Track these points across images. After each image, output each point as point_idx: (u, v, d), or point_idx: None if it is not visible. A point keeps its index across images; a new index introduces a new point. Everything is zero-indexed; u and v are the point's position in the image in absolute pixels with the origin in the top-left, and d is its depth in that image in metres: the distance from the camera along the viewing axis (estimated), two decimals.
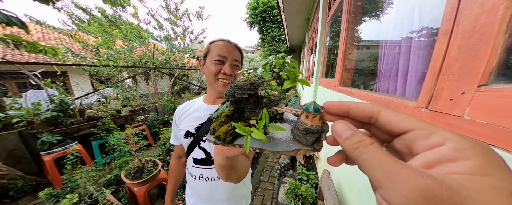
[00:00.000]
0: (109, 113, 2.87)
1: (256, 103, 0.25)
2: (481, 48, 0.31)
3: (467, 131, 0.32)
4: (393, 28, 0.77)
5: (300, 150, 0.19)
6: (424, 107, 0.43)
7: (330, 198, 0.86)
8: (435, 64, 0.40)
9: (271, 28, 8.41)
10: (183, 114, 0.64)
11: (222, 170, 0.36)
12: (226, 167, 0.34)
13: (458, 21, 0.36)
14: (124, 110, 3.25)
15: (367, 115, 0.15)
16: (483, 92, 0.31)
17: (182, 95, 5.71)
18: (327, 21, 1.98)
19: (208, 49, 0.58)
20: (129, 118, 3.12)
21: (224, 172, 0.36)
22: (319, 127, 0.18)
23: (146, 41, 4.84)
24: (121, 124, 2.94)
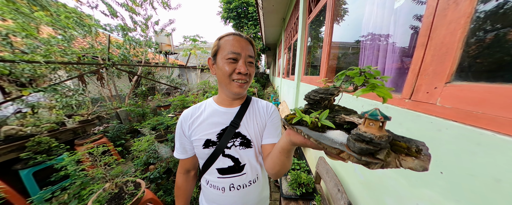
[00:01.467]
0: (46, 128, 2.13)
1: (326, 107, 0.30)
2: (446, 58, 0.47)
3: (439, 113, 0.48)
4: (372, 31, 0.97)
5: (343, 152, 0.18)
6: (408, 98, 0.59)
7: (330, 180, 1.02)
8: (415, 66, 0.56)
9: (247, 25, 8.36)
10: (195, 121, 0.55)
11: (282, 155, 0.40)
12: (286, 151, 0.38)
13: (431, 37, 0.51)
14: (70, 121, 2.50)
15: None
16: (448, 87, 0.46)
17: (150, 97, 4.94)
18: (307, 23, 2.18)
19: (218, 46, 0.50)
20: (80, 132, 2.46)
21: (282, 159, 0.41)
22: (375, 137, 0.17)
23: (93, 30, 3.81)
24: (67, 140, 2.29)
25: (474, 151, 0.40)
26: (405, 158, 0.19)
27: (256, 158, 0.57)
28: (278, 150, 0.40)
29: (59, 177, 1.46)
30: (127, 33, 4.45)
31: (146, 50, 5.01)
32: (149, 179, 1.73)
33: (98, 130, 2.48)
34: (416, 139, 0.24)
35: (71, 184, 1.39)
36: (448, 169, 0.46)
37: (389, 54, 0.82)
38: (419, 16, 0.60)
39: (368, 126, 0.18)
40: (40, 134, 2.00)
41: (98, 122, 2.82)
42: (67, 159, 1.31)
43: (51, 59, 2.85)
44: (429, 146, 0.27)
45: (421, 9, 0.56)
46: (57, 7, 3.58)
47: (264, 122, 0.58)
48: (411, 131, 0.58)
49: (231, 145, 0.54)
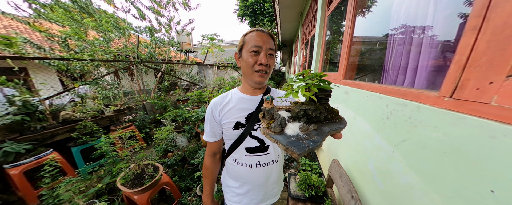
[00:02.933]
0: (90, 114, 2.56)
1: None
2: (510, 43, 0.36)
3: (494, 115, 0.38)
4: (404, 22, 0.82)
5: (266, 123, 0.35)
6: (448, 96, 0.48)
7: (343, 185, 0.94)
8: (461, 57, 0.45)
9: (263, 21, 8.24)
10: (225, 108, 0.63)
11: None
12: None
13: (488, 17, 0.40)
14: (107, 110, 2.93)
15: None
16: (510, 82, 0.35)
17: (171, 92, 5.37)
18: (326, 15, 2.01)
19: (243, 42, 0.57)
20: (114, 119, 2.85)
21: None
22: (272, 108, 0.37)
23: (126, 32, 4.31)
24: (105, 126, 2.67)
25: None
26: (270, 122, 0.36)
27: None
28: None
29: (97, 155, 1.73)
30: (154, 33, 4.90)
31: (169, 49, 5.44)
32: (167, 164, 1.88)
33: (128, 119, 2.83)
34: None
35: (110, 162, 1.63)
36: (504, 188, 0.36)
37: (425, 48, 0.69)
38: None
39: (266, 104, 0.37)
40: (85, 119, 2.38)
41: (128, 112, 3.21)
42: (102, 141, 1.52)
43: (94, 57, 3.38)
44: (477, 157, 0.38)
45: None
46: (100, 14, 4.16)
47: None
48: (450, 136, 0.47)
49: (258, 127, 0.61)
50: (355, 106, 1.09)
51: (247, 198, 0.67)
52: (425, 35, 0.71)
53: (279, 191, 0.75)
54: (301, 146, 0.25)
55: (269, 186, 0.67)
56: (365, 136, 0.93)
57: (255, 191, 0.66)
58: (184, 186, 1.75)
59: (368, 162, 0.87)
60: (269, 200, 0.71)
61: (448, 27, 0.61)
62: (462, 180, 0.43)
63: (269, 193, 0.69)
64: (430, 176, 0.53)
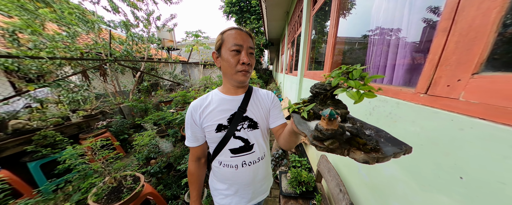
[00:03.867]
0: (52, 122, 2.19)
1: (322, 100, 0.36)
2: (475, 44, 0.39)
3: (462, 110, 0.41)
4: (382, 24, 0.88)
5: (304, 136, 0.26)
6: (423, 93, 0.52)
7: (331, 179, 0.98)
8: (434, 56, 0.49)
9: (249, 19, 8.15)
10: (205, 110, 0.61)
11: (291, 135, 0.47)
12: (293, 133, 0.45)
13: (456, 20, 0.43)
14: (75, 116, 2.57)
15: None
16: (476, 79, 0.39)
17: (153, 93, 4.97)
18: (311, 15, 2.06)
19: (222, 40, 0.55)
20: (84, 126, 2.53)
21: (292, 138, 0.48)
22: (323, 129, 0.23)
23: (96, 26, 3.82)
24: (73, 134, 2.35)
25: (506, 155, 0.34)
26: (355, 151, 0.23)
27: (263, 137, 0.65)
28: (287, 134, 0.48)
29: (63, 169, 1.49)
30: (130, 29, 4.44)
31: (149, 46, 5.01)
32: (149, 173, 1.74)
33: (101, 125, 2.52)
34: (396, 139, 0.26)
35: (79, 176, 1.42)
36: (471, 175, 0.40)
37: (401, 49, 0.74)
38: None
39: (323, 121, 0.23)
40: (45, 128, 2.04)
41: (102, 117, 2.87)
42: (65, 153, 1.32)
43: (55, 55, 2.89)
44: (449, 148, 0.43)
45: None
46: (61, 3, 3.59)
47: (267, 107, 0.66)
48: (426, 129, 0.51)
49: (241, 127, 0.61)
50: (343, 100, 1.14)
51: (236, 197, 0.67)
52: (400, 37, 0.76)
53: (268, 187, 0.76)
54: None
55: (257, 183, 0.67)
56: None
57: (244, 191, 0.66)
58: (171, 195, 1.64)
59: None
60: (258, 197, 0.72)
61: (420, 29, 0.66)
62: (436, 169, 0.47)
63: (258, 191, 0.70)
64: (409, 167, 0.57)
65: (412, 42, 0.69)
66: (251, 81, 6.57)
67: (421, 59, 0.64)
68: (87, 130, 2.50)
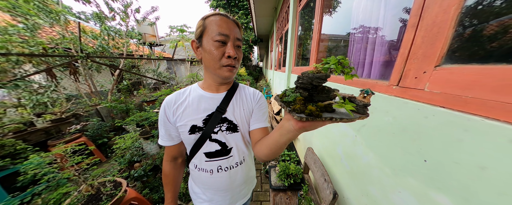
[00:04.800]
0: (10, 128, 1.92)
1: (322, 90, 0.33)
2: (437, 38, 0.43)
3: (427, 99, 0.45)
4: (362, 22, 0.92)
5: (361, 117, 0.28)
6: (395, 85, 0.56)
7: (317, 170, 1.02)
8: (404, 50, 0.52)
9: (237, 14, 7.94)
10: (179, 107, 0.54)
11: (284, 147, 0.40)
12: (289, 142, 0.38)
13: (423, 16, 0.47)
14: (40, 120, 2.24)
15: None
16: (438, 71, 0.43)
17: (135, 92, 4.62)
18: (298, 11, 2.07)
19: (204, 27, 0.46)
20: (53, 132, 2.25)
21: (283, 148, 0.41)
22: (369, 103, 0.30)
23: (61, 18, 3.34)
24: (39, 141, 2.10)
25: (460, 138, 0.38)
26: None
27: (244, 141, 0.59)
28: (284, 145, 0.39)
29: (27, 181, 1.31)
30: (104, 22, 4.00)
31: (128, 41, 4.58)
32: (133, 177, 1.64)
33: (74, 129, 2.27)
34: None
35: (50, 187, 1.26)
36: (433, 157, 0.44)
37: (378, 47, 0.78)
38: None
39: (368, 99, 0.30)
40: (2, 137, 1.78)
41: (75, 120, 2.59)
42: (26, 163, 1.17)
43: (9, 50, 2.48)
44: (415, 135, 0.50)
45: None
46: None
47: (251, 108, 0.59)
48: (397, 119, 0.56)
49: (218, 130, 0.55)
50: None
51: (213, 203, 0.62)
52: (377, 35, 0.80)
53: (250, 191, 0.70)
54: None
55: (235, 189, 0.62)
56: (333, 124, 1.03)
57: (220, 196, 0.61)
58: (158, 198, 1.57)
59: (337, 147, 0.97)
60: (238, 201, 0.66)
61: (394, 28, 0.71)
62: (405, 155, 0.52)
63: (237, 196, 0.64)
64: (384, 154, 0.62)
65: (386, 41, 0.73)
66: (240, 78, 6.48)
67: (393, 56, 0.68)
68: (58, 135, 2.24)
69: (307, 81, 0.30)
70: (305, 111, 0.28)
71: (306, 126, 0.29)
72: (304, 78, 0.31)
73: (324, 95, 0.32)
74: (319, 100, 0.32)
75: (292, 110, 0.28)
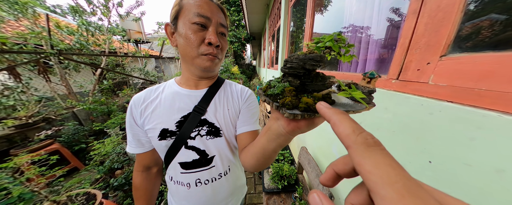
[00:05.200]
0: None
1: (316, 77, 0.25)
2: (443, 25, 0.38)
3: (432, 93, 0.41)
4: (355, 14, 0.87)
5: (367, 107, 0.22)
6: (395, 78, 0.51)
7: (311, 171, 0.98)
8: (405, 40, 0.47)
9: (229, 11, 7.75)
10: (148, 107, 0.45)
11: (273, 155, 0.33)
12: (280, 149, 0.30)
13: (425, 1, 0.42)
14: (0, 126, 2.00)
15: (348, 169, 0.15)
16: (444, 61, 0.38)
17: (118, 93, 4.32)
18: (289, 7, 2.02)
19: (180, 7, 0.39)
20: (17, 139, 2.02)
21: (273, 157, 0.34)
22: (375, 88, 0.24)
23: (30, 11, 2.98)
24: (1, 150, 1.88)
25: (472, 137, 0.33)
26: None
27: (229, 147, 0.50)
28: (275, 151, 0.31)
29: None
30: (82, 16, 3.65)
31: (110, 37, 4.25)
32: (113, 187, 1.49)
33: (44, 135, 2.04)
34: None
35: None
36: (439, 158, 0.40)
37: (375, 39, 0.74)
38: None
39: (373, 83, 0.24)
40: None
41: (46, 125, 2.33)
42: None
43: None
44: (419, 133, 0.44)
45: None
46: None
47: (238, 108, 0.50)
48: (398, 116, 0.51)
49: (196, 134, 0.46)
50: None
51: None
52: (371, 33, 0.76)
53: (239, 200, 0.61)
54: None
55: (219, 203, 0.52)
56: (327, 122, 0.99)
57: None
58: None
59: (332, 146, 0.93)
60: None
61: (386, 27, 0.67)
62: (408, 155, 0.48)
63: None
64: None
65: (379, 40, 0.69)
66: (233, 76, 6.34)
67: (387, 55, 0.64)
68: (23, 143, 1.97)
69: (298, 64, 0.23)
70: (299, 106, 0.21)
71: (302, 126, 0.23)
72: (294, 61, 0.23)
73: (319, 83, 0.25)
74: (314, 89, 0.25)
75: (281, 105, 0.21)
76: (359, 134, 0.12)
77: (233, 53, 8.73)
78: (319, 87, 0.25)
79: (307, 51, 0.24)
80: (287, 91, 0.23)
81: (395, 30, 0.63)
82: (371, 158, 0.10)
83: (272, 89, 0.25)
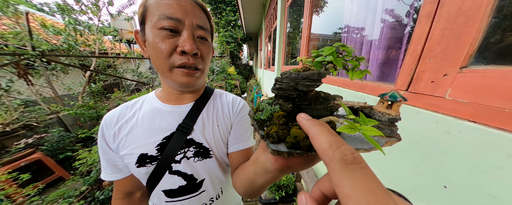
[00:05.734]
0: None
1: (316, 98, 0.21)
2: (465, 31, 0.33)
3: (449, 110, 0.35)
4: (355, 16, 0.82)
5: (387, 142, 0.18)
6: (404, 89, 0.46)
7: (310, 181, 0.92)
8: (416, 47, 0.42)
9: (225, 11, 7.63)
10: (123, 128, 0.38)
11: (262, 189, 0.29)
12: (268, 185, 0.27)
13: (442, 3, 0.36)
14: None
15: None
16: (465, 74, 0.33)
17: (109, 96, 4.12)
18: (286, 7, 1.96)
19: (145, 9, 0.32)
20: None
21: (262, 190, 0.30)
22: (399, 116, 0.19)
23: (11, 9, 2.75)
24: None
25: (500, 165, 0.28)
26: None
27: (220, 167, 0.45)
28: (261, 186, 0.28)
29: None
30: (70, 14, 3.44)
31: (100, 37, 4.05)
32: (99, 201, 1.37)
33: (24, 144, 1.89)
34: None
35: None
36: (456, 184, 0.35)
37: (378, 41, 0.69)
38: None
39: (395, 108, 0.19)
40: None
41: (27, 132, 2.17)
42: None
43: None
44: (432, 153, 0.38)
45: None
46: None
47: (229, 123, 0.45)
48: (406, 131, 0.46)
49: (181, 157, 0.40)
50: None
51: None
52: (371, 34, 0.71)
53: None
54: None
55: None
56: None
57: None
58: None
59: None
60: None
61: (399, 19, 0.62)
62: (418, 176, 0.42)
63: None
64: (389, 172, 0.52)
65: (383, 39, 0.64)
66: (229, 77, 6.24)
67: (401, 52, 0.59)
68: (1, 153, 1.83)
69: (289, 85, 0.18)
70: (286, 140, 0.17)
71: (293, 164, 0.19)
72: (284, 80, 0.18)
73: (320, 106, 0.20)
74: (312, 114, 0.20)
75: (265, 135, 0.18)
76: (336, 149, 0.11)
77: (229, 53, 8.62)
78: (319, 112, 0.20)
79: (302, 67, 0.20)
80: (276, 117, 0.19)
81: (401, 30, 0.59)
82: (349, 179, 0.09)
83: (259, 113, 0.20)
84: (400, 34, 0.60)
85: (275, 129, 0.17)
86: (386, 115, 0.19)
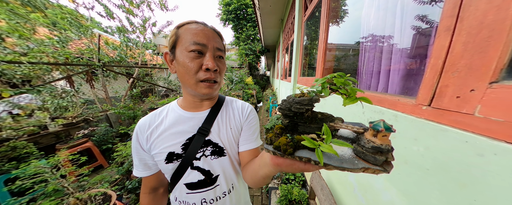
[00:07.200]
0: (25, 131, 2.00)
1: (311, 118, 0.26)
2: (491, 45, 0.31)
3: (480, 129, 0.32)
4: (373, 28, 0.81)
5: (368, 169, 0.19)
6: (426, 105, 0.43)
7: (325, 199, 0.85)
8: (437, 61, 0.40)
9: (246, 27, 8.30)
10: (154, 132, 0.47)
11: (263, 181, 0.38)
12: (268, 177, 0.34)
13: (461, 17, 0.35)
14: (53, 124, 2.38)
15: None
16: (496, 89, 0.30)
17: (144, 99, 4.83)
18: (303, 21, 2.04)
19: (177, 36, 0.41)
20: (62, 136, 2.35)
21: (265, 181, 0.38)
22: (389, 147, 0.19)
23: (89, 32, 3.73)
24: (50, 144, 2.18)
25: None
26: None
27: (232, 166, 0.52)
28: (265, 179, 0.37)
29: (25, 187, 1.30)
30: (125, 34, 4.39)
31: (143, 51, 4.94)
32: (127, 189, 1.55)
33: (82, 134, 2.36)
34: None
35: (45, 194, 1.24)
36: None
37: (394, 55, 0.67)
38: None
39: (381, 138, 0.19)
40: (16, 139, 1.85)
41: (85, 125, 2.70)
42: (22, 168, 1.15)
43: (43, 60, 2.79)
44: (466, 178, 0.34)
45: None
46: (54, 9, 3.52)
47: (240, 126, 0.53)
48: (432, 151, 0.41)
49: (201, 155, 0.48)
50: (332, 111, 1.05)
51: None
52: (393, 42, 0.69)
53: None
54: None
55: None
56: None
57: None
58: None
59: (349, 174, 0.81)
60: None
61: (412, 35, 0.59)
62: (448, 203, 0.37)
63: None
64: (412, 195, 0.46)
65: (404, 48, 0.62)
66: (247, 87, 6.49)
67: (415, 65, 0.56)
68: (66, 140, 2.32)
69: (286, 106, 0.25)
70: (274, 143, 0.23)
71: (281, 164, 0.24)
72: (284, 102, 0.25)
73: (313, 125, 0.25)
74: (304, 131, 0.25)
75: (265, 138, 0.25)
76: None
77: (248, 65, 9.09)
78: (311, 130, 0.25)
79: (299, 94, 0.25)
80: (276, 128, 0.25)
81: (423, 39, 0.56)
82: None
83: (268, 124, 0.28)
84: (422, 46, 0.57)
85: (270, 135, 0.24)
86: (371, 142, 0.20)
